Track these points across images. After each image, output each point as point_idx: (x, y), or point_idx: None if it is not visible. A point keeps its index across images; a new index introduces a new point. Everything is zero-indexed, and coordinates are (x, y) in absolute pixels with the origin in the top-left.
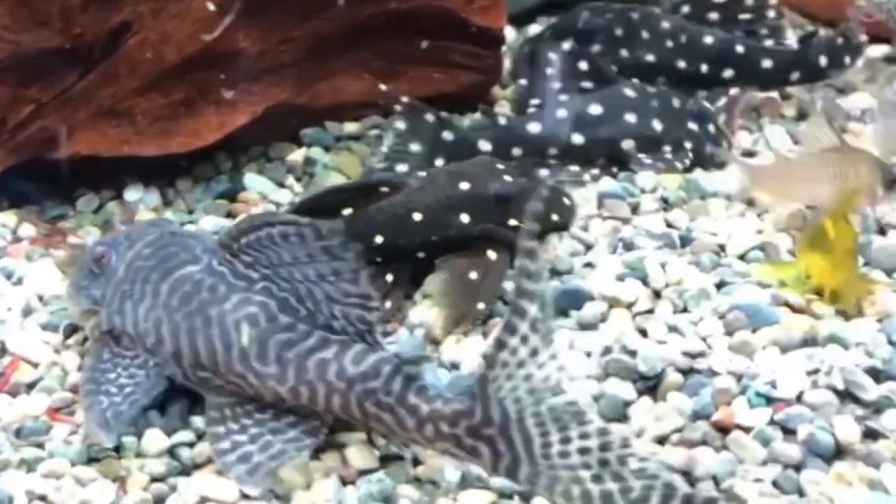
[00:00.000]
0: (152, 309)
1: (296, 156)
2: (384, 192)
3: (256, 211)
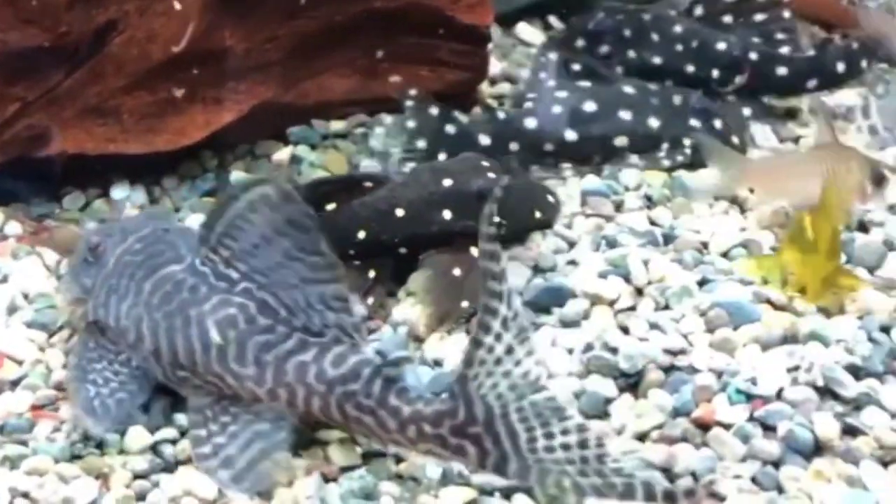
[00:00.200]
0: (134, 306)
1: (282, 154)
2: (367, 186)
3: None
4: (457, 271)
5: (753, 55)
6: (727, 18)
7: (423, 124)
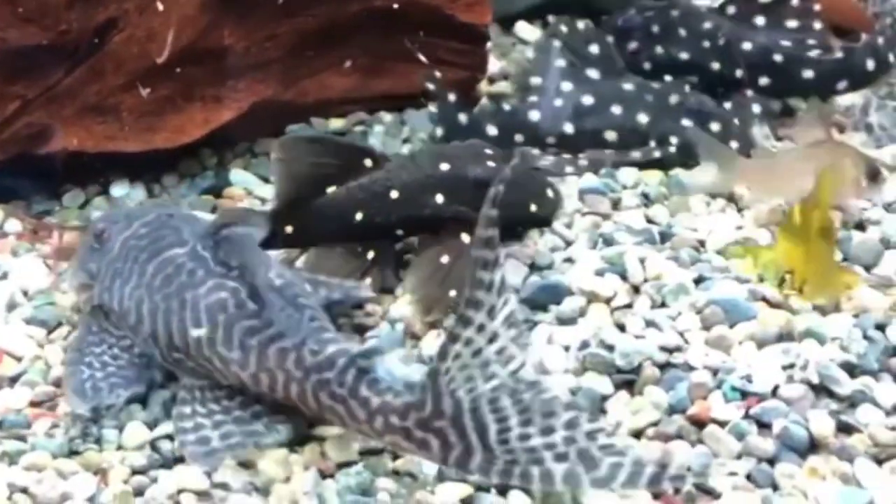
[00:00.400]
0: (136, 288)
1: None
2: (366, 166)
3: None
4: (444, 258)
5: (778, 56)
6: (760, 20)
7: (442, 112)
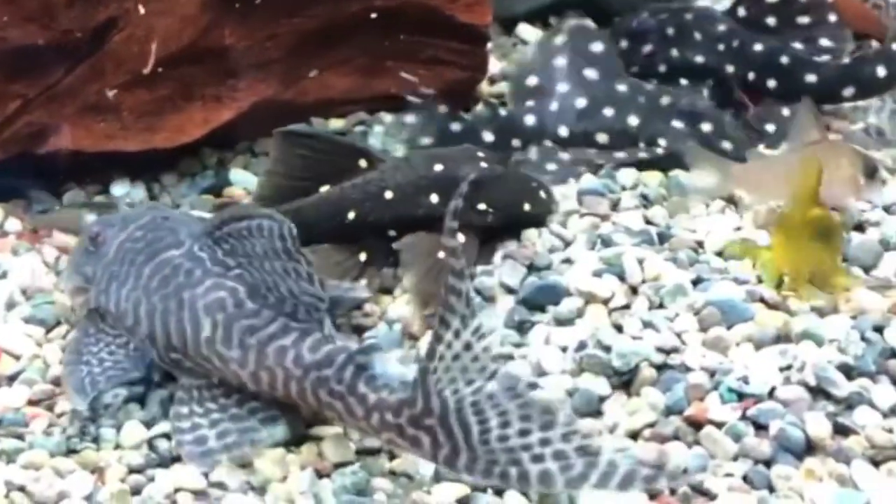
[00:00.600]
0: (133, 290)
1: None
2: (361, 167)
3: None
4: (441, 253)
5: (784, 59)
6: (770, 20)
7: (428, 122)
